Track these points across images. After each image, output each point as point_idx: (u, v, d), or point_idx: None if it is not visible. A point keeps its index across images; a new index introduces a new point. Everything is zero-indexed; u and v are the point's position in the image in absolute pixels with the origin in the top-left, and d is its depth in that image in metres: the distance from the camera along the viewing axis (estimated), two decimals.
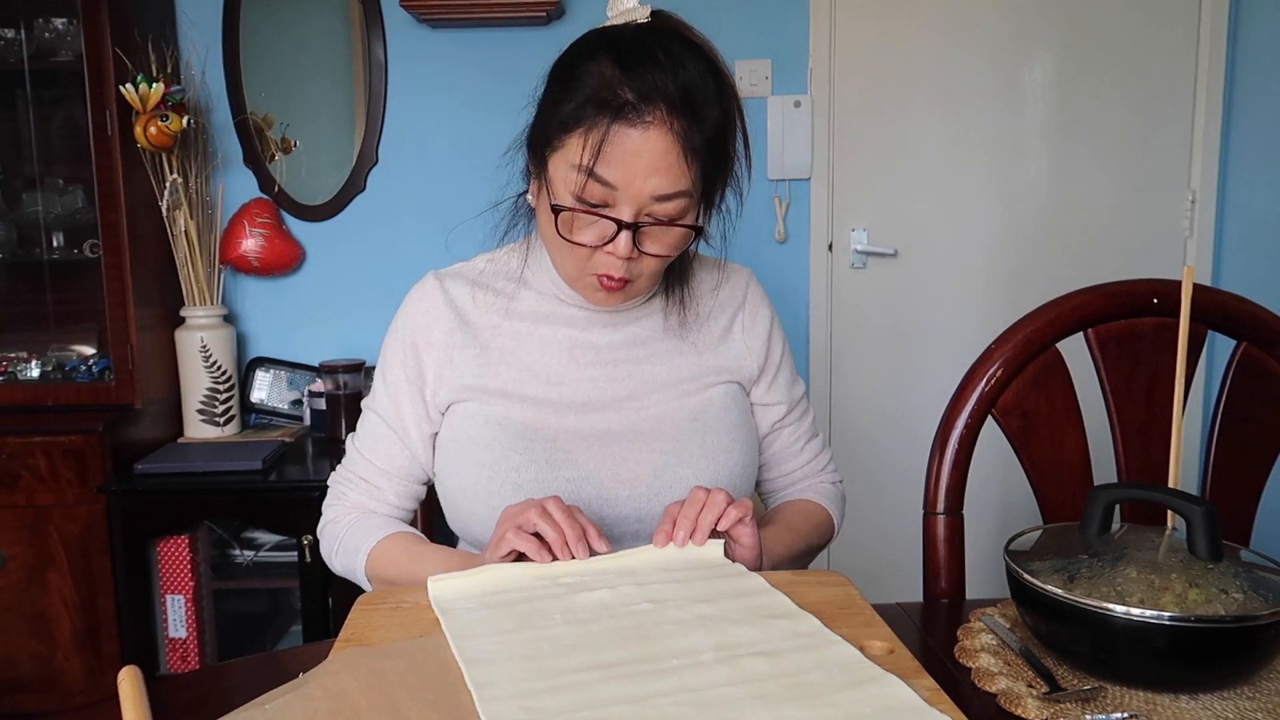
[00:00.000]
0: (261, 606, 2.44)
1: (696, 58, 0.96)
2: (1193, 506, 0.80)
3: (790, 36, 2.52)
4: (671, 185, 0.94)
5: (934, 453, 1.12)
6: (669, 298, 1.12)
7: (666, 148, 0.93)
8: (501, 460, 1.04)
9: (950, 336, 2.62)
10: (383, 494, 1.13)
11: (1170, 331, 1.01)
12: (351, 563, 1.09)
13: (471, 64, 2.49)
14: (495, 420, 1.06)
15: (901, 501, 2.55)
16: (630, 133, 0.92)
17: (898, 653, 0.77)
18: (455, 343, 1.09)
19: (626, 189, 0.94)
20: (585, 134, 0.93)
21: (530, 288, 1.11)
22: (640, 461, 1.06)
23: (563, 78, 0.97)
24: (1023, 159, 2.59)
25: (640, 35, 0.96)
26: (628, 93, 0.92)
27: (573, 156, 0.94)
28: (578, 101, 0.94)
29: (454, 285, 1.12)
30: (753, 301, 1.18)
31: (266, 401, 2.54)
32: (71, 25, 2.21)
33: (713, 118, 0.95)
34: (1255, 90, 2.53)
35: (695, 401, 1.10)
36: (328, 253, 2.57)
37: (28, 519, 2.09)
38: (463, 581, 0.88)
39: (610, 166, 0.93)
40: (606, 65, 0.94)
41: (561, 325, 1.09)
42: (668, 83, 0.92)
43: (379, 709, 0.67)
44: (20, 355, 2.34)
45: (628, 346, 1.10)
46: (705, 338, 1.13)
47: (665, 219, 0.96)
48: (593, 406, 1.07)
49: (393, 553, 1.06)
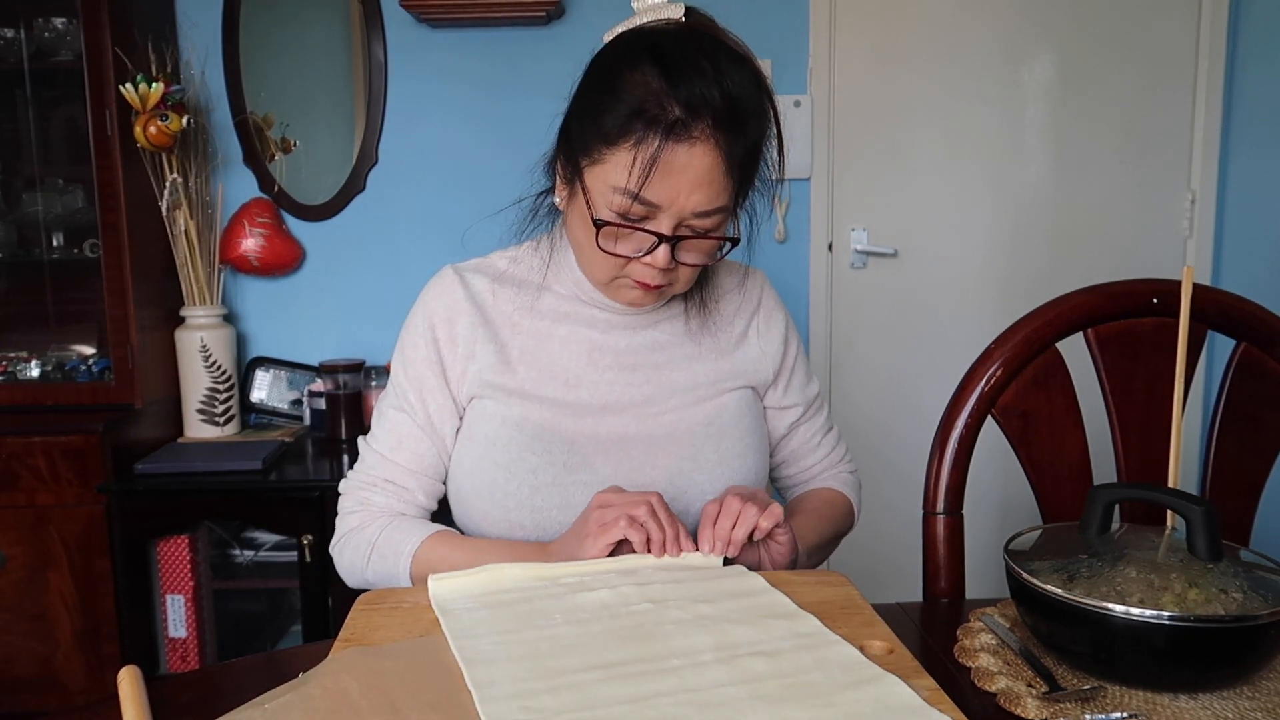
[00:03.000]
0: (261, 606, 2.44)
1: (741, 67, 0.93)
2: (1192, 506, 0.80)
3: (790, 36, 2.51)
4: (712, 201, 0.93)
5: (934, 452, 1.12)
6: (689, 300, 1.11)
7: (711, 163, 0.91)
8: (519, 461, 1.03)
9: (950, 336, 2.62)
10: (412, 495, 1.08)
11: (1170, 331, 1.01)
12: (392, 568, 1.03)
13: (471, 63, 2.49)
14: (513, 420, 1.05)
15: (901, 501, 2.54)
16: (677, 149, 0.90)
17: (898, 652, 0.77)
18: (477, 337, 1.07)
19: (670, 205, 0.92)
20: (634, 150, 0.90)
21: (551, 288, 1.10)
22: (656, 467, 1.05)
23: (604, 84, 0.94)
24: (1023, 159, 2.59)
25: (683, 42, 0.93)
26: (675, 108, 0.90)
27: (617, 175, 0.92)
28: (622, 114, 0.91)
29: (475, 279, 1.10)
30: (768, 305, 1.17)
31: (266, 401, 2.54)
32: (71, 25, 2.20)
33: (754, 130, 0.94)
34: (1255, 90, 2.53)
35: (710, 407, 1.09)
36: (328, 252, 2.57)
37: (28, 519, 2.09)
38: (463, 581, 0.88)
39: (656, 186, 0.91)
40: (652, 75, 0.91)
41: (582, 326, 1.08)
42: (715, 95, 0.90)
43: (379, 709, 0.67)
44: (20, 355, 2.34)
45: (646, 351, 1.09)
46: (723, 342, 1.13)
47: (702, 231, 0.96)
48: (610, 410, 1.07)
49: (441, 550, 1.01)
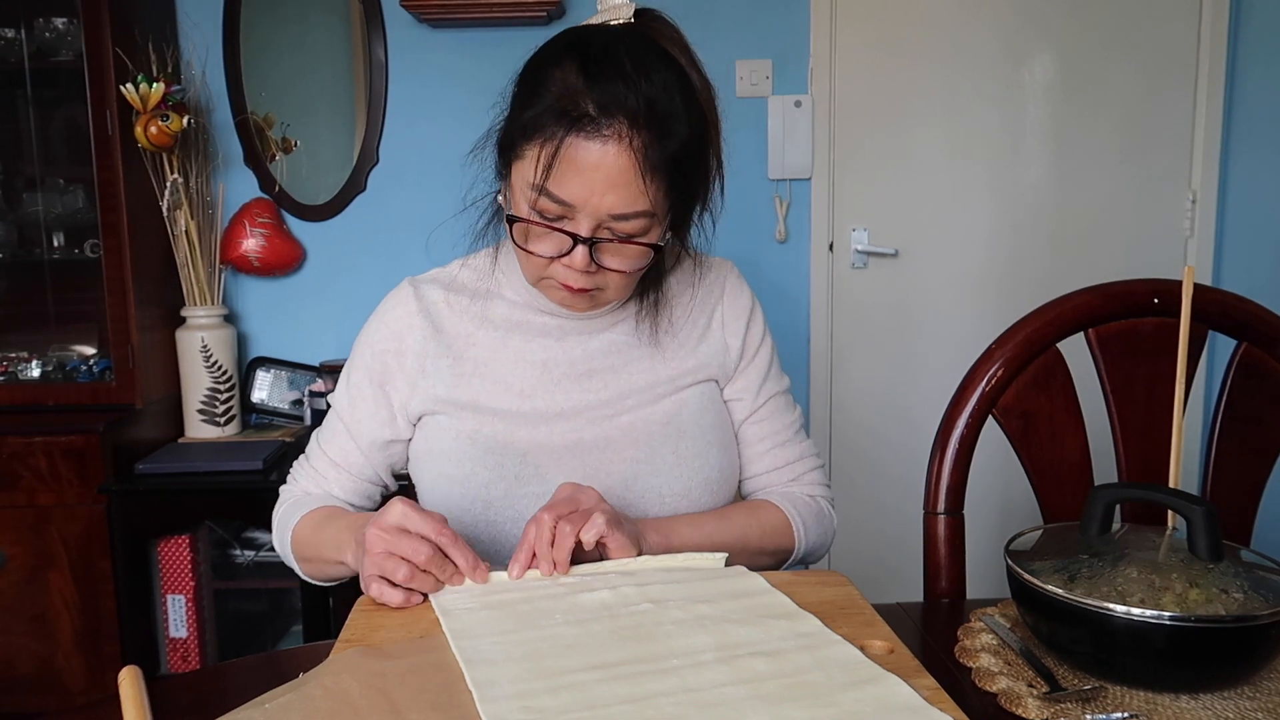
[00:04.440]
0: (262, 606, 2.44)
1: (668, 69, 0.92)
2: (1193, 506, 0.80)
3: (791, 37, 2.51)
4: (628, 204, 0.90)
5: (934, 453, 1.12)
6: (642, 303, 1.08)
7: (624, 165, 0.89)
8: (471, 476, 1.03)
9: (951, 336, 2.62)
10: (328, 484, 1.12)
11: (1171, 331, 1.01)
12: (283, 543, 1.08)
13: (472, 63, 2.49)
14: (466, 434, 1.04)
15: (902, 501, 2.54)
16: (588, 145, 0.88)
17: (898, 652, 0.77)
18: (429, 352, 1.07)
19: (583, 205, 0.90)
20: (541, 145, 0.90)
21: (503, 295, 1.08)
22: (611, 473, 1.03)
23: (529, 80, 0.94)
24: (1023, 159, 2.59)
25: (611, 42, 0.92)
26: (588, 104, 0.88)
27: (529, 170, 0.91)
28: (539, 109, 0.90)
29: (429, 291, 1.10)
30: (731, 293, 1.13)
31: (267, 401, 2.54)
32: (72, 25, 2.20)
33: (679, 134, 0.91)
34: (1256, 89, 2.53)
35: (669, 405, 1.07)
36: (328, 253, 2.57)
37: (29, 519, 2.09)
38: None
39: (565, 182, 0.89)
40: (571, 73, 0.90)
41: (535, 335, 1.07)
42: (630, 95, 0.88)
43: (379, 709, 0.67)
44: (21, 355, 2.34)
45: (603, 355, 1.07)
46: (683, 339, 1.10)
47: (624, 235, 0.93)
48: (565, 417, 1.05)
49: (304, 530, 1.05)
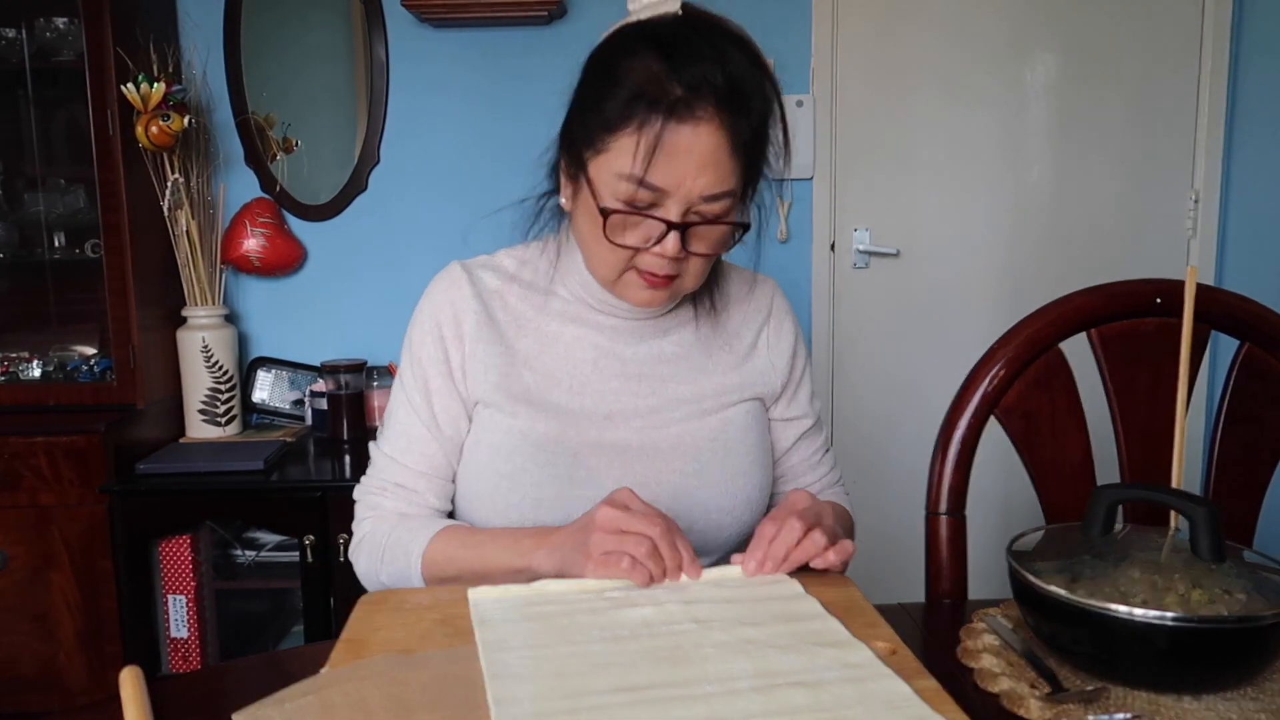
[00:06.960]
0: (263, 607, 2.44)
1: (740, 48, 0.93)
2: (1196, 507, 0.80)
3: (793, 36, 2.51)
4: (719, 184, 0.92)
5: (936, 453, 1.12)
6: (698, 305, 1.09)
7: (716, 144, 0.90)
8: (522, 473, 1.02)
9: (952, 337, 2.62)
10: (422, 497, 1.07)
11: (1173, 332, 1.01)
12: (404, 569, 1.01)
13: (473, 63, 2.49)
14: (518, 431, 1.03)
15: (904, 502, 2.54)
16: (681, 129, 0.89)
17: (900, 653, 0.77)
18: (483, 337, 1.05)
19: (676, 189, 0.91)
20: (637, 134, 0.90)
21: (558, 292, 1.08)
22: (660, 483, 1.03)
23: (603, 74, 0.94)
24: (1025, 159, 2.58)
25: (681, 27, 0.93)
26: (677, 87, 0.89)
27: (621, 162, 0.91)
28: (623, 99, 0.90)
29: (484, 275, 1.08)
30: (778, 314, 1.15)
31: (268, 401, 2.54)
32: (73, 25, 2.20)
33: (758, 110, 0.93)
34: (1258, 89, 2.52)
35: (716, 421, 1.07)
36: (329, 252, 2.57)
37: (30, 519, 2.09)
38: (504, 591, 0.87)
39: (661, 170, 0.90)
40: (653, 60, 0.90)
41: (589, 330, 1.07)
42: (717, 74, 0.89)
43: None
44: (22, 355, 2.34)
45: (653, 362, 1.07)
46: (732, 355, 1.11)
47: (712, 217, 0.94)
48: (614, 419, 1.05)
49: (448, 549, 1.00)
